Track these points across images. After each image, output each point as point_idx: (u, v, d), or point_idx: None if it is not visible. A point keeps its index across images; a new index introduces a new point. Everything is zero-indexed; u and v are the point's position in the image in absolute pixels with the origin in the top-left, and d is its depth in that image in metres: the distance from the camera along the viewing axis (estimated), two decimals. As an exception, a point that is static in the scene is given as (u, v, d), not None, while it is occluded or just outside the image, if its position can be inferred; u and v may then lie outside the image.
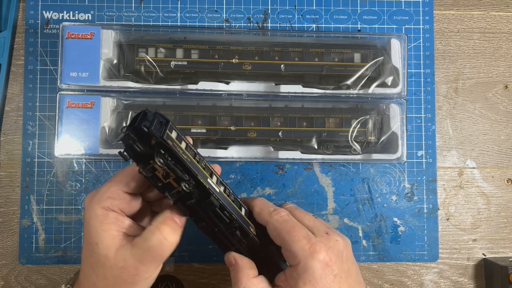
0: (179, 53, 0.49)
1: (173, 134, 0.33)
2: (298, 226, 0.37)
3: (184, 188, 0.33)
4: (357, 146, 0.49)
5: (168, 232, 0.34)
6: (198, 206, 0.35)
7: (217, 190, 0.36)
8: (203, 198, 0.35)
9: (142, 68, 0.48)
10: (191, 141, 0.37)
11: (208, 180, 0.35)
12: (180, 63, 0.48)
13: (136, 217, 0.37)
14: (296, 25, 0.53)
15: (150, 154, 0.32)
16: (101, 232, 0.34)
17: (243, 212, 0.39)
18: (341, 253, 0.36)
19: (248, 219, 0.39)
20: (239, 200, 0.40)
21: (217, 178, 0.37)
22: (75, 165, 0.50)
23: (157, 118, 0.32)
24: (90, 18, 0.51)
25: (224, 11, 0.52)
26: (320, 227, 0.38)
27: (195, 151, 0.36)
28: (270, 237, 0.38)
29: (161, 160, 0.32)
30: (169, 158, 0.32)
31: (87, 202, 0.35)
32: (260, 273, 0.37)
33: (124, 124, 0.48)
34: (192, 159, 0.34)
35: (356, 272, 0.37)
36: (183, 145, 0.34)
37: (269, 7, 0.53)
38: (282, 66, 0.49)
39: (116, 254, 0.34)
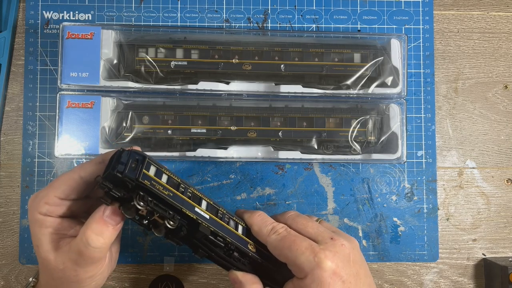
0: (179, 53, 0.49)
1: (151, 171, 0.32)
2: (298, 239, 0.36)
3: (168, 225, 0.33)
4: (357, 146, 0.49)
5: (92, 237, 0.32)
6: (190, 236, 0.35)
7: (207, 216, 0.36)
8: (193, 228, 0.35)
9: (142, 68, 0.48)
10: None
11: (196, 209, 0.35)
12: (180, 63, 0.49)
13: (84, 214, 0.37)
14: (296, 25, 0.53)
15: (129, 196, 0.32)
16: (41, 236, 0.34)
17: (240, 231, 0.38)
18: (347, 257, 0.36)
19: (247, 237, 0.39)
20: (234, 219, 0.39)
21: (207, 202, 0.37)
22: (75, 165, 0.50)
23: (132, 157, 0.31)
24: (90, 18, 0.51)
25: (224, 11, 0.52)
26: (324, 233, 0.37)
27: (179, 180, 0.35)
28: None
29: (141, 203, 0.32)
30: (149, 199, 0.32)
31: (29, 205, 0.35)
32: (266, 286, 0.38)
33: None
34: (175, 192, 0.34)
35: (365, 274, 0.37)
36: (164, 178, 0.33)
37: (269, 7, 0.53)
38: (282, 66, 0.49)
39: (55, 257, 0.34)
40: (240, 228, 0.39)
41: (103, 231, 0.33)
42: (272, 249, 0.37)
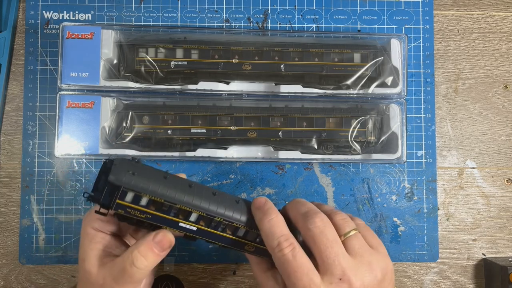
0: (179, 53, 0.49)
1: (128, 198, 0.33)
2: (300, 271, 0.32)
3: None
4: (357, 146, 0.49)
5: (139, 260, 0.34)
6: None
7: (194, 228, 0.35)
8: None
9: (142, 68, 0.48)
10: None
11: (180, 224, 0.35)
12: (180, 63, 0.49)
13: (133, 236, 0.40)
14: (296, 25, 0.53)
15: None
16: (89, 250, 0.36)
17: (240, 234, 0.37)
18: None
19: (245, 239, 0.37)
20: (235, 224, 0.36)
21: (198, 214, 0.35)
22: (75, 165, 0.50)
23: (107, 186, 0.33)
24: (90, 18, 0.51)
25: (224, 11, 0.52)
26: (336, 268, 0.32)
27: (164, 200, 0.34)
28: None
29: (126, 222, 0.35)
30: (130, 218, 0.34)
31: (83, 220, 0.37)
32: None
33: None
34: (154, 213, 0.34)
35: None
36: (143, 201, 0.33)
37: (269, 7, 0.53)
38: (282, 66, 0.49)
39: (98, 272, 0.36)
40: (239, 231, 0.37)
41: (148, 254, 0.34)
42: (276, 263, 0.34)
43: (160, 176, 0.34)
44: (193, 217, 0.35)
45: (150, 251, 0.34)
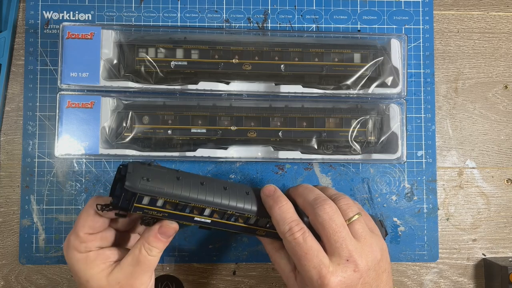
0: (179, 53, 0.49)
1: (145, 201, 0.35)
2: (310, 254, 0.35)
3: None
4: (357, 146, 0.49)
5: (152, 250, 0.37)
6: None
7: (208, 221, 0.38)
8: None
9: (142, 68, 0.48)
10: None
11: (196, 218, 0.38)
12: (180, 63, 0.48)
13: (120, 242, 0.41)
14: (296, 25, 0.53)
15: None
16: (88, 270, 0.37)
17: (251, 222, 0.40)
18: (356, 282, 0.35)
19: (256, 225, 0.40)
20: (247, 215, 0.39)
21: (212, 210, 0.38)
22: (75, 165, 0.50)
23: (124, 193, 0.34)
24: (90, 18, 0.51)
25: (224, 11, 0.52)
26: (344, 251, 0.35)
27: (178, 201, 0.36)
28: None
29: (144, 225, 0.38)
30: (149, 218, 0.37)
31: (65, 251, 0.38)
32: None
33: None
34: (171, 211, 0.36)
35: None
36: (159, 203, 0.36)
37: (269, 7, 0.53)
38: (282, 66, 0.49)
39: (108, 281, 0.37)
40: (252, 219, 0.39)
41: (158, 243, 0.37)
42: (287, 249, 0.37)
43: (173, 177, 0.36)
44: (207, 212, 0.37)
45: (159, 241, 0.37)
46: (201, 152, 0.48)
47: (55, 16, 0.51)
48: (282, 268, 0.39)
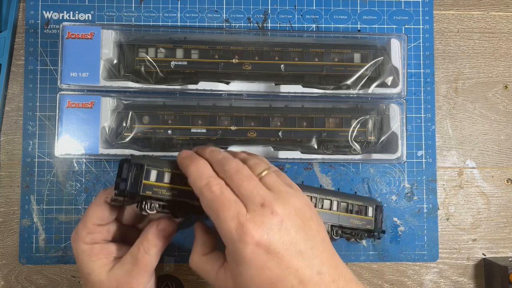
0: (179, 53, 0.49)
1: (152, 176, 0.37)
2: (227, 204, 0.33)
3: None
4: (357, 146, 0.49)
5: (150, 248, 0.37)
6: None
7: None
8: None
9: (142, 68, 0.48)
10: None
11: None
12: (180, 63, 0.49)
13: (125, 239, 0.42)
14: (296, 25, 0.53)
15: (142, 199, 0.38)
16: (91, 263, 0.38)
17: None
18: (278, 225, 0.32)
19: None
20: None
21: None
22: (75, 165, 0.50)
23: (131, 170, 0.36)
24: (90, 18, 0.51)
25: (224, 11, 0.52)
26: (256, 197, 0.33)
27: (181, 173, 0.38)
28: None
29: (151, 210, 0.38)
30: (158, 204, 0.38)
31: (72, 241, 0.39)
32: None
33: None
34: (179, 187, 0.38)
35: (306, 238, 0.33)
36: (166, 177, 0.37)
37: (269, 7, 0.53)
38: (282, 66, 0.49)
39: (108, 277, 0.38)
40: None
41: (157, 241, 0.38)
42: (204, 207, 0.35)
43: (173, 162, 0.39)
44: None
45: (158, 238, 0.38)
46: (201, 152, 0.48)
47: (55, 16, 0.51)
48: (210, 269, 0.36)
